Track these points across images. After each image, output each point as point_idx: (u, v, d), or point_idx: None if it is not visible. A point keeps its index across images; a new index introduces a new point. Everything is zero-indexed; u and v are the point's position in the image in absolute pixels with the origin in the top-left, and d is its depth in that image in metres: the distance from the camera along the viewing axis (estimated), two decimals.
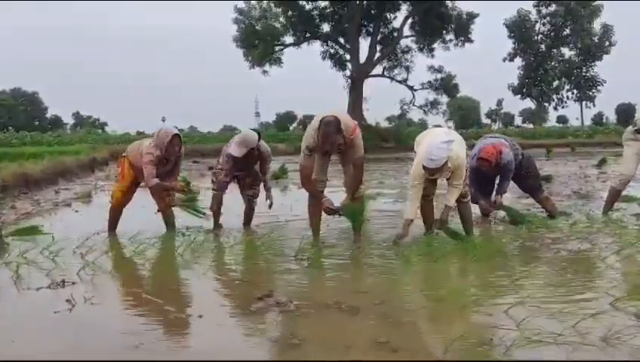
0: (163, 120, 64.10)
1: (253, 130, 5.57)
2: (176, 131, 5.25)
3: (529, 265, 3.86)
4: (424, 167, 4.32)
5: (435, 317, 2.83)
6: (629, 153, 5.78)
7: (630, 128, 5.84)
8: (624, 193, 6.78)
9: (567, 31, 44.29)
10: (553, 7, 43.28)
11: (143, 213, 5.73)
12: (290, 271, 3.87)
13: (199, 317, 2.85)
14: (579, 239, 4.59)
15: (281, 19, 32.06)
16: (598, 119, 67.00)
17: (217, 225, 5.51)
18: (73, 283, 3.54)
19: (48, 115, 71.57)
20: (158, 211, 5.39)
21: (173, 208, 5.47)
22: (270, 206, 5.58)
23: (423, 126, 60.77)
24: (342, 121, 4.39)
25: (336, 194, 5.13)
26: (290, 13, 31.53)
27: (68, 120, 70.92)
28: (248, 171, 5.56)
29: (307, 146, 4.48)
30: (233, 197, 5.76)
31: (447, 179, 4.60)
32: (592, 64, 45.59)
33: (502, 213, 5.80)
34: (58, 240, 4.71)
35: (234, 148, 5.25)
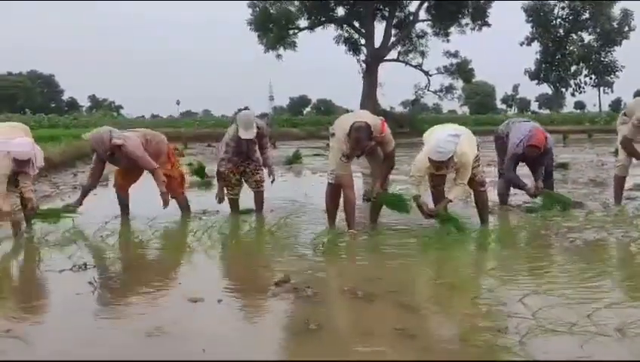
0: (178, 103, 64.27)
1: (245, 108, 5.60)
2: (104, 133, 5.16)
3: (544, 253, 3.87)
4: (430, 160, 4.34)
5: (450, 305, 2.86)
6: (621, 137, 5.85)
7: (620, 115, 6.06)
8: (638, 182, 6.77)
9: (587, 15, 43.56)
10: None
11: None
12: (306, 258, 3.91)
13: (218, 302, 2.90)
14: (595, 228, 4.58)
15: (296, 2, 31.83)
16: (616, 105, 65.88)
17: (235, 211, 5.55)
18: (94, 266, 3.62)
19: (64, 98, 72.14)
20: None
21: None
22: (272, 181, 5.65)
23: (437, 111, 60.41)
24: (371, 123, 4.44)
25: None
26: None
27: (84, 103, 71.41)
28: (249, 155, 5.52)
29: (343, 154, 4.49)
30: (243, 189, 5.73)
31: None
32: (611, 49, 44.88)
33: (520, 201, 5.82)
34: (79, 224, 4.81)
35: (244, 133, 5.27)
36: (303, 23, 32.48)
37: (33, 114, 31.06)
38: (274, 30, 31.27)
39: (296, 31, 32.65)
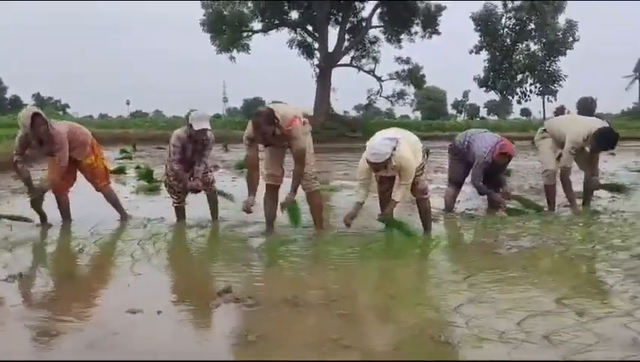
0: (128, 103, 62.82)
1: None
2: (35, 110, 5.00)
3: (482, 261, 4.00)
4: (368, 162, 4.42)
5: (388, 315, 2.92)
6: (545, 149, 6.23)
7: (540, 129, 6.44)
8: (577, 189, 7.08)
9: (532, 25, 45.13)
10: (519, 2, 44.00)
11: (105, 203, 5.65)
12: (251, 266, 3.92)
13: (158, 313, 2.87)
14: (532, 236, 4.76)
15: (250, 4, 31.70)
16: (560, 113, 68.56)
17: (181, 218, 5.48)
18: (31, 276, 3.52)
19: (7, 96, 69.38)
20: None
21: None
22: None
23: (390, 115, 61.24)
24: (278, 112, 4.50)
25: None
26: None
27: (28, 101, 68.79)
28: (199, 157, 5.39)
29: (247, 136, 4.64)
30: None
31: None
32: (556, 59, 46.63)
33: (463, 208, 6.02)
34: (16, 231, 4.65)
35: (198, 124, 5.15)
36: (256, 25, 32.41)
37: None
38: (227, 32, 31.04)
39: (249, 33, 32.51)
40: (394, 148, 4.35)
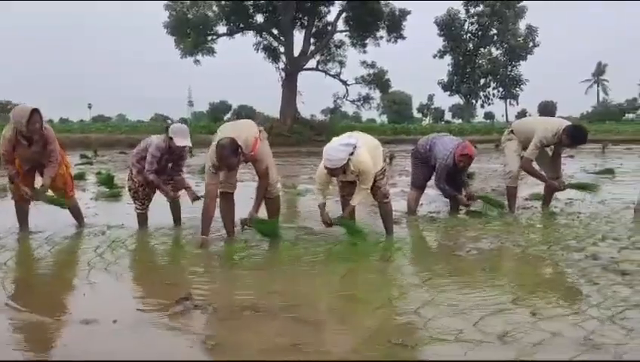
0: (89, 107, 61.53)
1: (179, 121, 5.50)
2: (34, 106, 4.89)
3: (443, 263, 4.05)
4: (325, 167, 4.45)
5: (348, 318, 2.94)
6: (510, 152, 6.42)
7: (506, 131, 6.64)
8: (536, 191, 7.26)
9: (494, 30, 46.16)
10: (481, 7, 44.95)
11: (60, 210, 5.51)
12: (211, 272, 3.90)
13: (113, 322, 2.82)
14: (491, 238, 4.85)
15: (214, 7, 31.48)
16: (522, 116, 70.11)
17: (143, 225, 5.39)
18: None
19: None
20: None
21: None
22: (194, 200, 5.35)
23: (357, 119, 61.63)
24: (241, 139, 4.46)
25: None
26: (223, 2, 31.04)
27: None
28: (176, 168, 5.44)
29: (213, 164, 4.52)
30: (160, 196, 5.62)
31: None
32: (517, 63, 47.78)
33: (426, 211, 6.09)
34: None
35: (181, 141, 5.10)
36: (221, 28, 32.21)
37: None
38: (192, 35, 30.73)
39: (214, 37, 32.28)
40: (351, 154, 4.37)
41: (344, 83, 34.16)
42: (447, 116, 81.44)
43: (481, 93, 48.43)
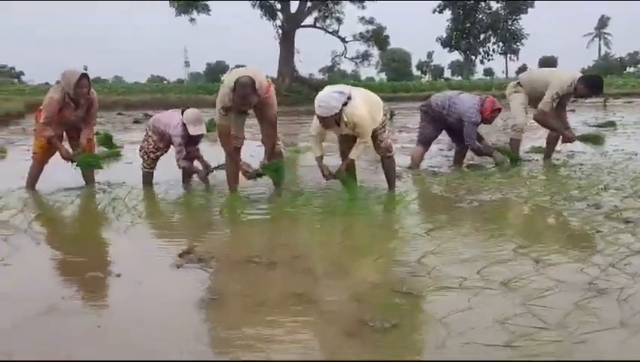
0: (85, 69, 60.89)
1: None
2: (83, 71, 5.06)
3: (445, 215, 4.05)
4: (318, 117, 4.37)
5: (351, 268, 2.93)
6: (516, 104, 6.38)
7: (512, 83, 6.57)
8: (537, 145, 7.22)
9: None
10: None
11: (64, 168, 5.47)
12: (213, 226, 3.89)
13: (117, 276, 2.82)
14: (492, 190, 4.83)
15: None
16: (522, 71, 69.37)
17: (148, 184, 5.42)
18: None
19: None
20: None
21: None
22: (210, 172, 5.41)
23: (356, 78, 60.95)
24: (257, 80, 4.36)
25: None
26: None
27: None
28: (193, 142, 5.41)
29: (223, 106, 4.45)
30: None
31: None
32: (518, 17, 46.89)
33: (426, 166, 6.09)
34: None
35: (195, 130, 5.13)
36: None
37: None
38: None
39: None
40: (345, 104, 4.27)
41: (342, 40, 33.58)
42: (447, 73, 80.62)
43: (481, 49, 47.71)
